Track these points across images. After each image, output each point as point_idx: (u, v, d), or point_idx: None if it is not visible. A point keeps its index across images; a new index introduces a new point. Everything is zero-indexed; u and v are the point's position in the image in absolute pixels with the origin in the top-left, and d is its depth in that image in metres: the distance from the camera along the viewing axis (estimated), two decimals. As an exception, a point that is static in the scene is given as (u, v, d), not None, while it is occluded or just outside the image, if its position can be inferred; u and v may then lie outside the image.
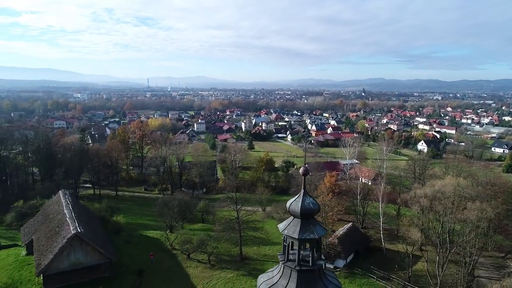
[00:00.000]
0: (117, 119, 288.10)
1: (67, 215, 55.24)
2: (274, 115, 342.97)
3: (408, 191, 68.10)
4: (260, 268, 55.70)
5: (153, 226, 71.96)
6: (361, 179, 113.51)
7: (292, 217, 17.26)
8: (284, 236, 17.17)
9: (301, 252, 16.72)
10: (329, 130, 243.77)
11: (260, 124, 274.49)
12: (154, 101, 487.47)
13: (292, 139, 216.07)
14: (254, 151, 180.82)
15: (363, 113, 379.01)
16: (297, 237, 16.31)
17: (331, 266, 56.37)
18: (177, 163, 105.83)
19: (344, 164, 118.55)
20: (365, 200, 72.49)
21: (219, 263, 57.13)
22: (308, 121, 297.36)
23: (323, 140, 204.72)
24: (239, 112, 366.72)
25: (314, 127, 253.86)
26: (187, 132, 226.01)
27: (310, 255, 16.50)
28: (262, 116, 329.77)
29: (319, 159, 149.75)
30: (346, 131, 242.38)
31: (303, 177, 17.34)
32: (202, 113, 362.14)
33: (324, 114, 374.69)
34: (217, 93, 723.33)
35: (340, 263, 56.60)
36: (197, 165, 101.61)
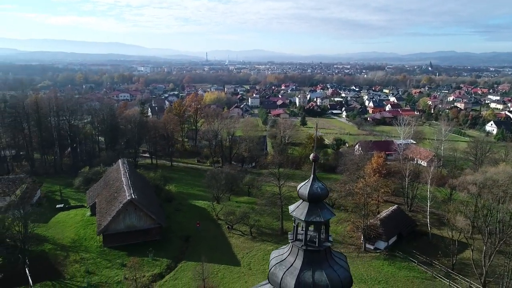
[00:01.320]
0: (176, 92, 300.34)
1: (124, 182, 60.68)
2: (330, 91, 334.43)
3: (462, 176, 64.43)
4: (299, 243, 57.23)
5: (202, 197, 76.16)
6: (416, 160, 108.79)
7: (301, 200, 18.02)
8: (293, 217, 18.03)
9: (309, 233, 17.53)
10: (388, 107, 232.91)
11: (314, 99, 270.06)
12: (211, 74, 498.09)
13: (347, 116, 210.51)
14: (307, 127, 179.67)
15: (428, 90, 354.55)
16: (303, 219, 17.12)
17: (371, 247, 56.22)
18: (228, 137, 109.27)
19: (398, 144, 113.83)
20: (414, 182, 69.88)
21: (260, 236, 59.58)
22: (365, 97, 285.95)
23: (380, 117, 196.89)
24: (294, 87, 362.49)
25: (371, 104, 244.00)
26: (241, 107, 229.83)
27: (317, 236, 17.24)
28: (318, 91, 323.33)
29: (373, 137, 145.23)
30: (406, 108, 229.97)
31: (313, 162, 17.85)
32: (257, 87, 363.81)
33: (384, 90, 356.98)
34: (274, 67, 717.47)
35: (381, 244, 56.11)
36: (247, 140, 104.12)
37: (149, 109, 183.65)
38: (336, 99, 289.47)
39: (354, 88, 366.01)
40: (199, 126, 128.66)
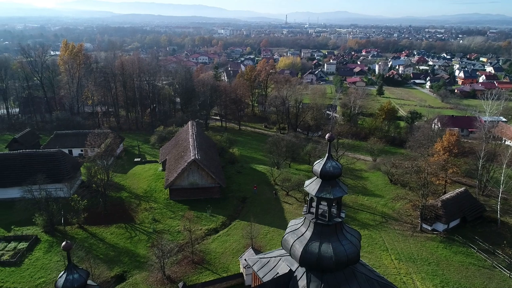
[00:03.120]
0: (252, 56, 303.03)
1: (190, 143, 65.66)
2: (415, 58, 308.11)
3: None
4: (352, 216, 57.35)
5: (263, 161, 78.94)
6: (504, 140, 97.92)
7: (315, 177, 18.76)
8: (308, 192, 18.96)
9: (320, 207, 18.39)
10: (481, 79, 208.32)
11: (396, 67, 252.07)
12: (289, 38, 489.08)
13: (431, 87, 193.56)
14: (383, 97, 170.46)
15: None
16: (314, 195, 17.95)
17: (429, 228, 54.09)
18: (296, 104, 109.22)
19: (484, 121, 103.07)
20: (491, 164, 63.98)
21: (314, 204, 60.77)
22: (456, 66, 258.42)
23: (470, 90, 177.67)
24: (375, 53, 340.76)
25: (461, 74, 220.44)
26: (315, 73, 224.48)
27: (327, 212, 18.03)
28: (401, 58, 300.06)
29: (456, 112, 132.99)
30: (503, 81, 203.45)
31: (328, 142, 18.27)
32: (335, 52, 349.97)
33: (482, 59, 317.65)
34: (356, 31, 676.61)
35: (440, 226, 53.60)
36: (313, 108, 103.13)
37: (225, 73, 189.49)
38: (421, 67, 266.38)
39: (445, 55, 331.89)
40: (269, 91, 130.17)
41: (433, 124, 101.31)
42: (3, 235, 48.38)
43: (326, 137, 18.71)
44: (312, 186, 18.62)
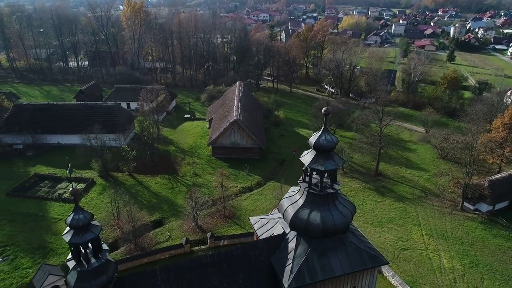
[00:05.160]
0: (315, 14, 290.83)
1: (235, 104, 67.38)
2: (501, 20, 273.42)
3: None
4: (390, 187, 56.35)
5: (308, 126, 78.67)
6: None
7: (311, 148, 19.21)
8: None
9: (313, 177, 18.98)
10: None
11: (475, 30, 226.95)
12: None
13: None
14: (453, 63, 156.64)
15: None
16: (307, 165, 18.52)
17: (471, 207, 51.55)
18: (350, 68, 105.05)
19: None
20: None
21: (351, 172, 60.35)
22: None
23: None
24: (454, 13, 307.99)
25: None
26: (380, 34, 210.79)
27: (320, 182, 18.60)
28: (484, 19, 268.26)
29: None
30: None
31: (324, 116, 18.38)
32: (407, 12, 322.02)
33: None
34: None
35: (483, 207, 50.79)
36: (368, 73, 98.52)
37: (283, 32, 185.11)
38: (506, 31, 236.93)
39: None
40: (325, 53, 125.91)
41: (505, 97, 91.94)
42: (66, 176, 55.29)
43: (322, 111, 18.88)
44: (306, 157, 19.22)
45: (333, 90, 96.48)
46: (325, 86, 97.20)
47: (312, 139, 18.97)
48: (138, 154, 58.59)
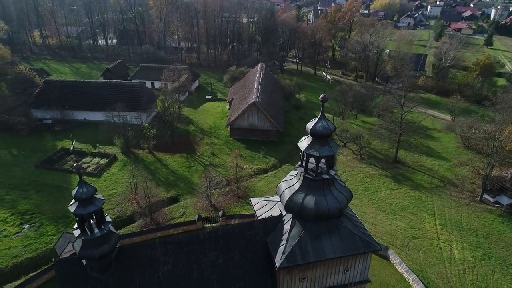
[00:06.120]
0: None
1: (255, 86, 67.49)
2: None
3: None
4: (407, 175, 55.50)
5: (328, 110, 77.71)
6: None
7: (308, 134, 19.42)
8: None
9: (310, 163, 19.28)
10: None
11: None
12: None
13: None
14: (491, 48, 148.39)
15: None
16: (303, 151, 18.80)
17: (490, 199, 50.15)
18: (377, 51, 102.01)
19: None
20: None
21: (369, 159, 59.69)
22: None
23: None
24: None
25: None
26: (414, 16, 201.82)
27: (315, 167, 18.87)
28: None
29: None
30: None
31: (322, 103, 18.44)
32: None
33: None
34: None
35: (504, 200, 49.25)
36: (395, 57, 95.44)
37: (312, 12, 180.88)
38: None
39: None
40: (352, 35, 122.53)
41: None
42: (90, 151, 57.93)
43: (320, 98, 18.96)
44: (303, 142, 19.50)
45: (329, 78, 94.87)
46: (323, 73, 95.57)
47: (309, 125, 19.19)
48: (159, 133, 60.31)
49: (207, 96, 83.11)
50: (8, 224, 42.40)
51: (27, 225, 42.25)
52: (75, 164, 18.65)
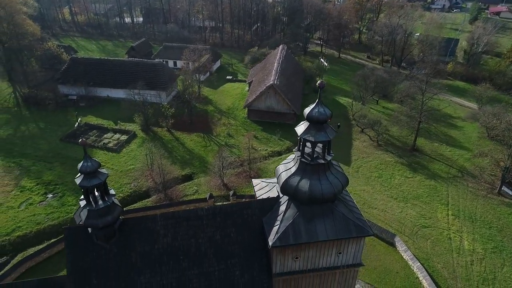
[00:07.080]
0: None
1: (274, 68, 67.23)
2: None
3: None
4: (424, 164, 54.57)
5: (348, 94, 76.60)
6: None
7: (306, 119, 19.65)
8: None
9: (307, 147, 19.58)
10: None
11: None
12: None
13: None
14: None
15: None
16: (299, 135, 19.10)
17: (510, 192, 48.80)
18: (405, 35, 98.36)
19: None
20: None
21: (386, 145, 58.86)
22: None
23: None
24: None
25: None
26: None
27: (311, 152, 19.17)
28: None
29: None
30: None
31: (319, 89, 18.53)
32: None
33: None
34: None
35: (523, 193, 47.91)
36: (423, 41, 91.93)
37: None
38: None
39: None
40: (381, 17, 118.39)
41: None
42: (112, 127, 60.08)
43: (317, 84, 19.05)
44: (300, 127, 19.78)
45: (326, 64, 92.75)
46: (320, 59, 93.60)
47: (306, 111, 19.45)
48: (177, 112, 61.63)
49: (227, 77, 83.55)
50: (33, 193, 45.25)
51: (51, 195, 44.95)
52: (80, 140, 19.75)
